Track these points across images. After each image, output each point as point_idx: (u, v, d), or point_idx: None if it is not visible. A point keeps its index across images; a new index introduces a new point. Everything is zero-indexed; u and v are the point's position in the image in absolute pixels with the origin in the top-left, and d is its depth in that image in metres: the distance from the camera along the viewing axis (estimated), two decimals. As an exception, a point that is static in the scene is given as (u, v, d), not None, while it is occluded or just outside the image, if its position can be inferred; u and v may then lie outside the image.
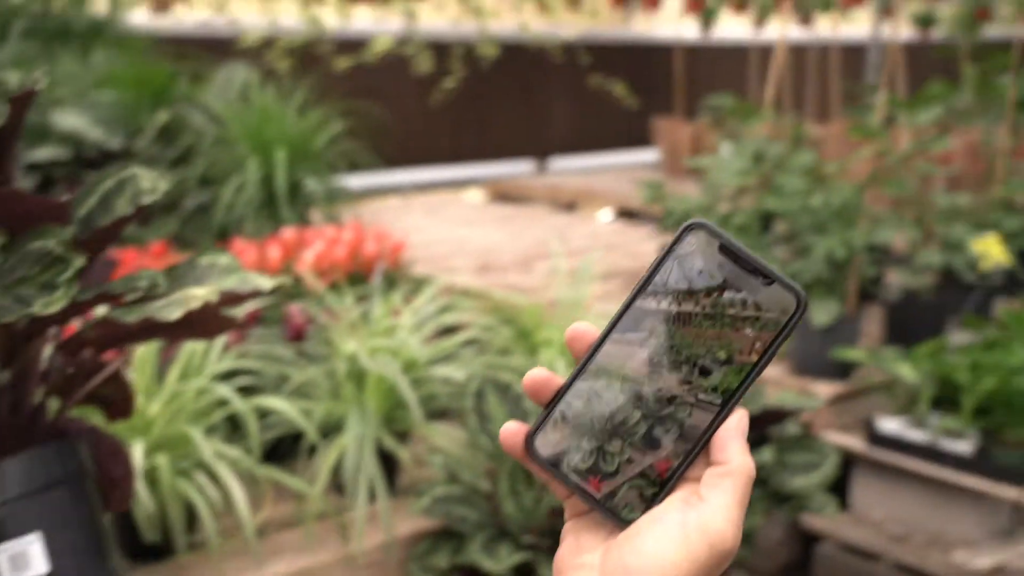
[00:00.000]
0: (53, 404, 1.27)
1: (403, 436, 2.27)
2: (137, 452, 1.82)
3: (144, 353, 2.01)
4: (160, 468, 1.84)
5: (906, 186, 3.23)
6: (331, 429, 2.21)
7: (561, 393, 0.55)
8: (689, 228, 0.56)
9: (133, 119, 4.18)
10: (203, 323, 1.20)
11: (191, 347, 2.09)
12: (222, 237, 3.49)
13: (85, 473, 1.02)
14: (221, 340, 2.17)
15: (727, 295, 0.54)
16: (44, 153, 3.97)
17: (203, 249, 2.97)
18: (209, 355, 2.11)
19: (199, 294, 1.15)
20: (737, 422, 0.54)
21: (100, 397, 1.32)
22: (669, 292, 0.55)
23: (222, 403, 2.11)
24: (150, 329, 1.17)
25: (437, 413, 2.38)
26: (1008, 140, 3.78)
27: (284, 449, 2.30)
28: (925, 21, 9.05)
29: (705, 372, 0.54)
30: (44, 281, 0.97)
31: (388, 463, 2.22)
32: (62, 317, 1.07)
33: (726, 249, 0.55)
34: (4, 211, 1.02)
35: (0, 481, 0.81)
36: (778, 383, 3.02)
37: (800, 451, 2.11)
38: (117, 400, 1.33)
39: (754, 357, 0.54)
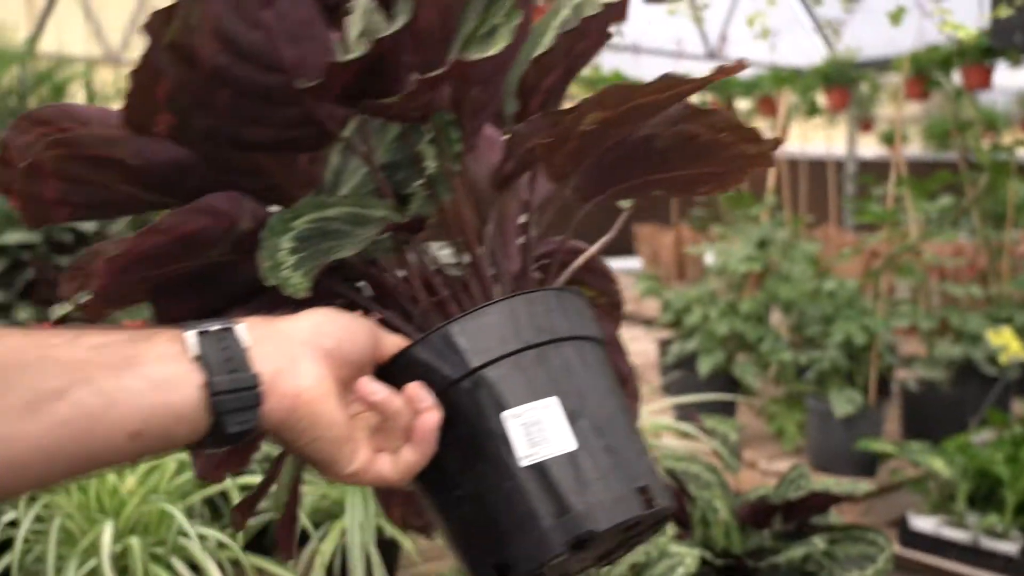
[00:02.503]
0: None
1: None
2: (107, 534, 1.58)
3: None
4: (133, 552, 1.60)
5: (919, 274, 3.13)
6: (323, 516, 1.97)
7: None
8: None
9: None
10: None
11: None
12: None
13: (604, 341, 0.69)
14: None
15: None
16: (12, 236, 3.79)
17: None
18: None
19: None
20: None
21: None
22: None
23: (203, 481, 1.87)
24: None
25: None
26: (1012, 237, 3.73)
27: (269, 539, 2.05)
28: (891, 139, 9.31)
29: None
30: (480, 33, 0.61)
31: (387, 553, 1.98)
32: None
33: None
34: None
35: (505, 324, 0.58)
36: (796, 479, 2.82)
37: (850, 542, 1.90)
38: (598, 305, 0.84)
39: None
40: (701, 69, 6.51)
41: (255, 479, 1.83)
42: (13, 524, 1.64)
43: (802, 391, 3.14)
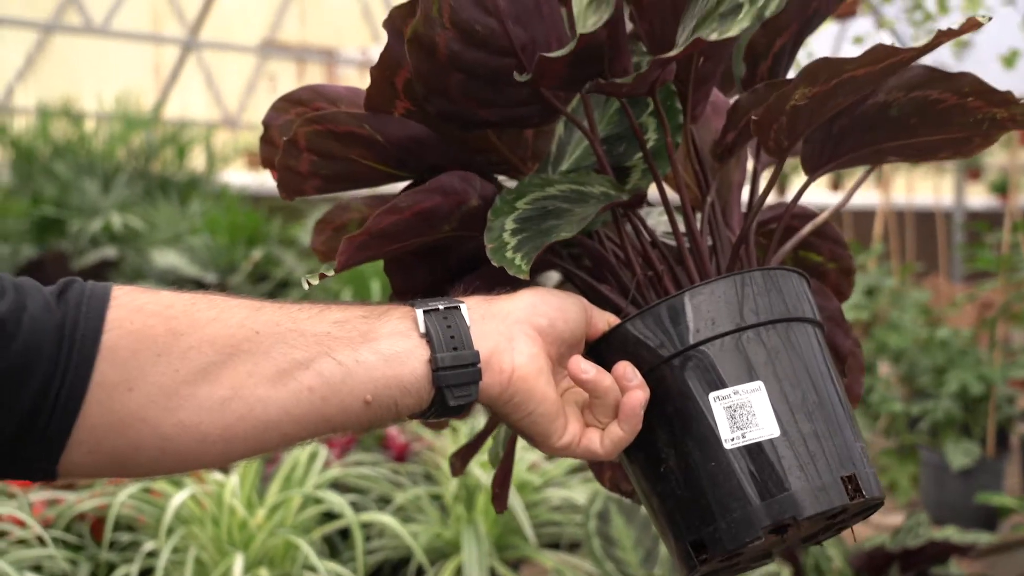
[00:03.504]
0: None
1: (515, 566, 2.06)
2: (238, 566, 1.66)
3: (245, 464, 1.88)
4: (260, 582, 1.67)
5: (1036, 323, 3.03)
6: (438, 555, 2.02)
7: None
8: None
9: (227, 259, 4.24)
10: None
11: (294, 457, 1.95)
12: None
13: (821, 322, 0.65)
14: (323, 455, 2.03)
15: None
16: (141, 288, 4.01)
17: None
18: (312, 466, 1.96)
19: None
20: None
21: (805, 264, 0.80)
22: None
23: (325, 518, 1.95)
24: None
25: (550, 544, 2.18)
26: None
27: (384, 577, 2.10)
28: (1002, 188, 9.02)
29: None
30: (721, 11, 0.59)
31: (500, 594, 2.01)
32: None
33: None
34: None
35: (717, 305, 0.58)
36: (912, 533, 2.73)
37: (972, 592, 1.85)
38: (827, 271, 0.80)
39: None
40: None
41: (376, 516, 1.89)
42: (152, 555, 1.74)
43: (915, 443, 3.06)
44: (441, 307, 0.56)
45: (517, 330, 0.57)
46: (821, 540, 0.61)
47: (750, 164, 0.74)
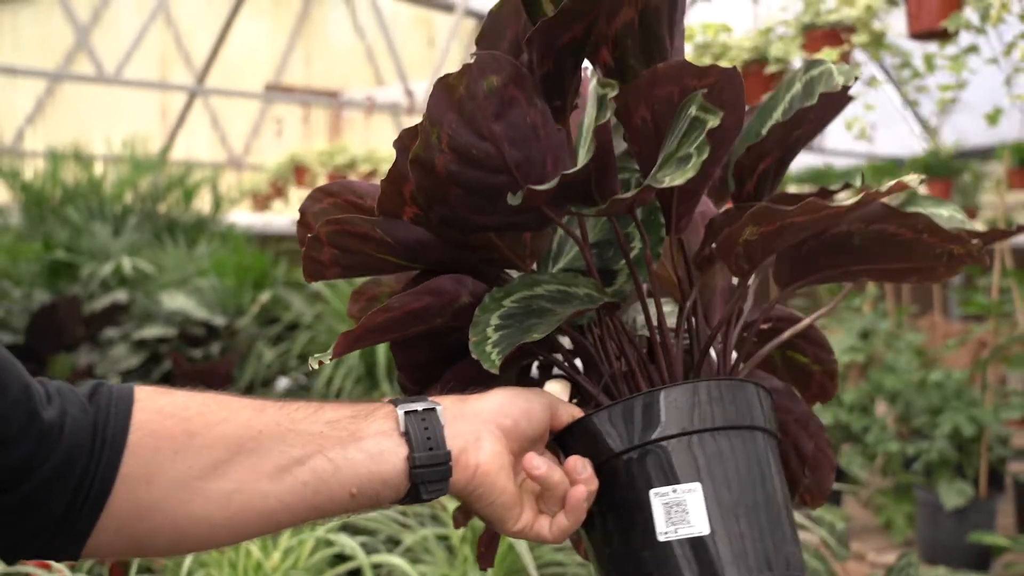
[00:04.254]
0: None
1: (520, 607, 2.11)
2: (250, 606, 1.72)
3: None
4: (273, 624, 1.73)
5: (1028, 365, 3.10)
6: (443, 597, 2.07)
7: None
8: None
9: (235, 301, 4.31)
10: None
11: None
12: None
13: (772, 430, 0.68)
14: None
15: None
16: (151, 331, 4.08)
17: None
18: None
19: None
20: None
21: (792, 364, 0.84)
22: None
23: (336, 560, 2.01)
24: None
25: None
26: None
27: (392, 618, 2.15)
28: (995, 223, 9.12)
29: None
30: (679, 155, 0.63)
31: (504, 634, 2.06)
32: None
33: None
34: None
35: (669, 409, 0.64)
36: (908, 572, 2.79)
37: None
38: (812, 372, 0.83)
39: None
40: (797, 161, 6.55)
41: (386, 558, 1.96)
42: (169, 594, 1.80)
43: (910, 482, 3.12)
44: (419, 408, 0.64)
45: (484, 430, 0.64)
46: None
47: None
